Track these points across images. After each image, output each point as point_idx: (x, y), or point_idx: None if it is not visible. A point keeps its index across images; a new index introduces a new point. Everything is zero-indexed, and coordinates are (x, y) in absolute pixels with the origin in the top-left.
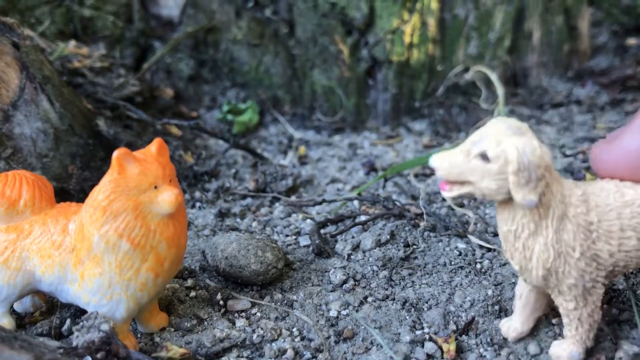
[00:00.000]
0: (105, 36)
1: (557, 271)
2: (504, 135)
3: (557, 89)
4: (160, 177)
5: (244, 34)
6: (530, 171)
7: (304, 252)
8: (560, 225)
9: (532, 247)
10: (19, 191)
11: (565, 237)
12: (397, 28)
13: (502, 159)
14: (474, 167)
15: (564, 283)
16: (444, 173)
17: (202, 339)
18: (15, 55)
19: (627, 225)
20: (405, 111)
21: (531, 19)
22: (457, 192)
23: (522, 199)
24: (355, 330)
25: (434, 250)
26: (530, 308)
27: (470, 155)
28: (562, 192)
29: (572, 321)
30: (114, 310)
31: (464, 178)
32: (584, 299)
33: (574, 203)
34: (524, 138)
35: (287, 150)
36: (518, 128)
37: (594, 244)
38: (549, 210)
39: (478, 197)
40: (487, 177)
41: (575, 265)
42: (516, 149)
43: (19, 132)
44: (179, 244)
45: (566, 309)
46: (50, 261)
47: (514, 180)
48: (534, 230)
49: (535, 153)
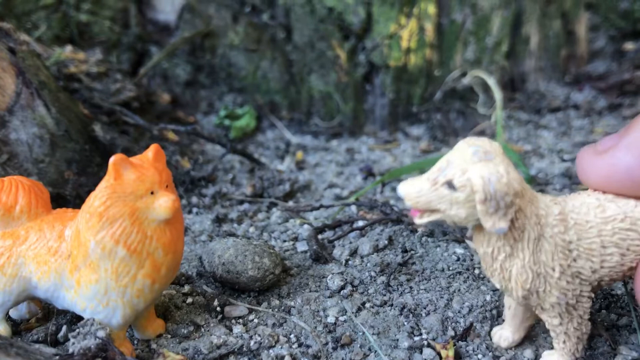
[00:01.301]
0: (102, 41)
1: (537, 291)
2: (469, 163)
3: (554, 94)
4: (156, 183)
5: (241, 39)
6: (497, 200)
7: (302, 257)
8: (537, 247)
9: (510, 269)
10: (15, 197)
11: (544, 258)
12: (395, 33)
13: (468, 187)
14: (441, 195)
15: (546, 302)
16: (411, 202)
17: (199, 345)
18: (11, 61)
19: (609, 242)
20: (402, 116)
21: (529, 23)
22: (427, 219)
23: (492, 227)
24: (353, 337)
25: (432, 255)
26: (519, 318)
27: (437, 184)
28: (537, 213)
29: (558, 335)
30: (110, 316)
31: (432, 207)
32: (568, 315)
33: (551, 223)
34: (490, 165)
35: (285, 156)
36: (485, 153)
37: (574, 262)
38: (523, 234)
39: (449, 223)
40: (455, 205)
41: (556, 284)
42: (481, 177)
43: (15, 138)
44: (176, 250)
45: (551, 324)
46: (46, 267)
47: (482, 210)
48: (509, 253)
49: (502, 181)
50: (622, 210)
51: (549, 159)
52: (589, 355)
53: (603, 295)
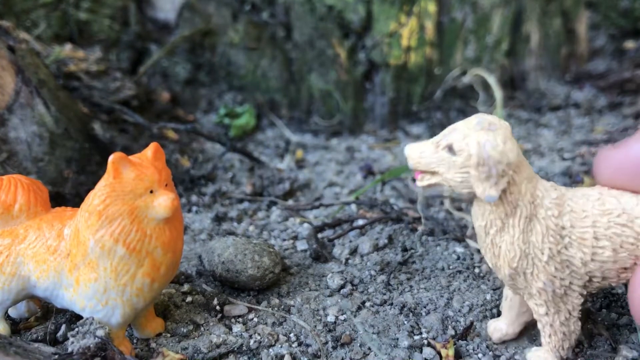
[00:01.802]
0: (102, 39)
1: (524, 272)
2: (472, 130)
3: (555, 92)
4: (156, 182)
5: (241, 37)
6: (489, 166)
7: (301, 256)
8: (529, 226)
9: (500, 245)
10: (14, 196)
11: (533, 238)
12: (395, 31)
13: (465, 152)
14: (441, 158)
15: (532, 286)
16: (413, 162)
17: (198, 344)
18: (10, 59)
19: (602, 235)
20: (402, 115)
21: (529, 22)
22: (427, 182)
23: (482, 193)
24: (353, 336)
25: (432, 254)
26: (516, 310)
27: (439, 147)
28: (533, 192)
29: (544, 327)
30: (110, 315)
31: (431, 168)
32: (555, 305)
33: (546, 205)
34: (490, 134)
35: (284, 154)
36: (490, 124)
37: (565, 249)
38: (516, 209)
39: (446, 189)
40: (452, 169)
41: (544, 268)
42: (477, 143)
43: (14, 136)
44: (175, 249)
45: (537, 313)
46: (45, 266)
47: (474, 175)
48: (500, 227)
49: (497, 149)
50: (621, 206)
51: (549, 157)
52: (589, 355)
53: (604, 294)
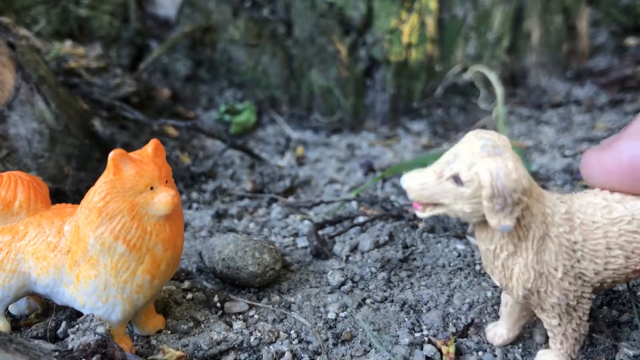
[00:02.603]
0: (102, 36)
1: (538, 291)
2: (477, 157)
3: (556, 89)
4: (156, 178)
5: (242, 34)
6: (505, 197)
7: (302, 253)
8: (542, 246)
9: (512, 268)
10: (14, 192)
11: (547, 258)
12: (395, 28)
13: (475, 182)
14: (446, 189)
15: (546, 302)
16: (415, 195)
17: (198, 341)
18: (10, 55)
19: (614, 244)
20: (403, 111)
21: (530, 19)
22: (430, 213)
23: (497, 224)
24: (354, 333)
25: (432, 251)
26: (515, 316)
27: (442, 177)
28: (544, 211)
29: (556, 336)
30: (110, 312)
31: (435, 200)
32: (568, 316)
33: (557, 222)
34: (499, 160)
35: (285, 151)
36: (494, 147)
37: (578, 262)
38: (528, 232)
39: (452, 217)
40: (460, 200)
41: (558, 285)
42: (489, 173)
43: (14, 133)
44: (176, 246)
45: (550, 324)
46: (45, 263)
47: (488, 207)
48: (512, 252)
49: (511, 177)
50: (629, 212)
51: (550, 154)
52: (590, 352)
53: (604, 292)
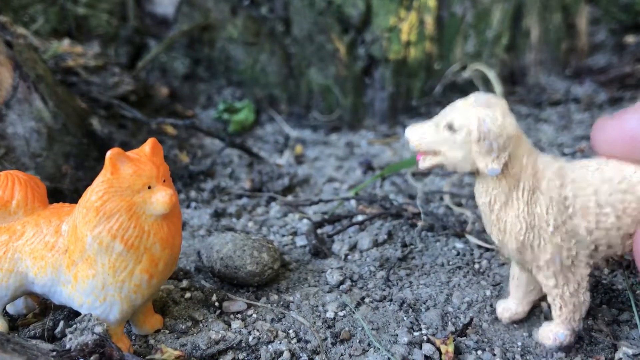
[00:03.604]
0: (100, 34)
1: (532, 245)
2: (470, 107)
3: (555, 87)
4: (154, 177)
5: (240, 32)
6: (490, 140)
7: (301, 252)
8: (532, 198)
9: (505, 219)
10: (11, 192)
11: (538, 210)
12: (394, 26)
13: (466, 128)
14: (442, 137)
15: (540, 258)
16: (415, 144)
17: (197, 341)
18: (8, 54)
19: (605, 202)
20: (402, 110)
21: (529, 16)
22: (429, 162)
23: (485, 167)
24: (353, 332)
25: (431, 250)
26: (523, 289)
27: (439, 127)
28: (535, 165)
29: (555, 300)
30: (108, 312)
31: (433, 148)
32: (564, 277)
33: (548, 176)
34: (489, 109)
35: (284, 150)
36: (487, 100)
37: (570, 219)
38: (519, 183)
39: (449, 168)
40: (454, 147)
41: (550, 239)
42: (477, 118)
43: (12, 132)
44: (174, 245)
45: (547, 286)
46: (43, 262)
47: (476, 150)
48: (504, 202)
49: (496, 122)
50: (620, 174)
51: (549, 152)
52: (589, 350)
53: (604, 290)
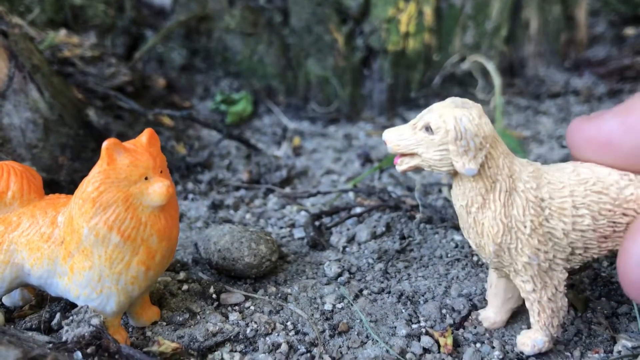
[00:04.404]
0: (96, 25)
1: (509, 248)
2: (446, 108)
3: (554, 79)
4: (150, 168)
5: (237, 22)
6: (467, 139)
7: (299, 244)
8: (509, 200)
9: (482, 222)
10: (6, 183)
11: (515, 212)
12: (393, 17)
13: (442, 129)
14: (419, 138)
15: (518, 261)
16: (392, 145)
17: (194, 333)
18: (3, 44)
19: (581, 204)
20: (401, 101)
21: (528, 8)
22: (407, 165)
23: (462, 167)
24: (351, 324)
25: (430, 242)
26: (501, 297)
27: (416, 128)
28: (511, 166)
29: (532, 305)
30: (105, 304)
31: (410, 150)
32: (541, 281)
33: (524, 179)
34: (465, 110)
35: (282, 141)
36: (463, 102)
37: (547, 221)
38: (495, 184)
39: (426, 169)
40: (431, 148)
41: (527, 242)
42: (454, 118)
43: (7, 122)
44: (171, 237)
45: (525, 290)
46: (39, 254)
47: (453, 149)
48: (481, 204)
49: (473, 122)
50: (595, 175)
51: (548, 145)
52: (588, 343)
53: (603, 283)
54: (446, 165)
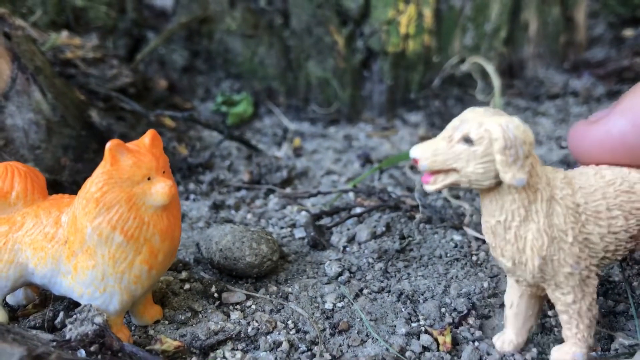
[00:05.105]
0: (98, 27)
1: (552, 259)
2: (485, 117)
3: (553, 81)
4: (153, 169)
5: (238, 24)
6: (517, 147)
7: (299, 244)
8: (550, 209)
9: (525, 236)
10: (10, 183)
11: (556, 221)
12: (393, 19)
13: (486, 139)
14: (458, 152)
15: (560, 273)
16: (427, 162)
17: (196, 331)
18: (6, 46)
19: (613, 205)
20: (400, 103)
21: (527, 10)
22: (442, 183)
23: (512, 178)
24: (351, 323)
25: (429, 242)
26: (522, 317)
27: (452, 141)
28: (547, 174)
29: (571, 317)
30: (108, 303)
31: (448, 165)
32: (581, 291)
33: (559, 185)
34: (505, 116)
35: (282, 142)
36: (496, 111)
37: (584, 227)
38: (537, 193)
39: (464, 185)
40: (472, 161)
41: (570, 250)
42: (500, 126)
43: (11, 124)
44: (173, 236)
45: (565, 303)
46: (43, 253)
47: (501, 160)
48: (524, 217)
49: (520, 128)
50: (619, 175)
51: (547, 146)
52: None
53: (601, 282)
54: (489, 179)
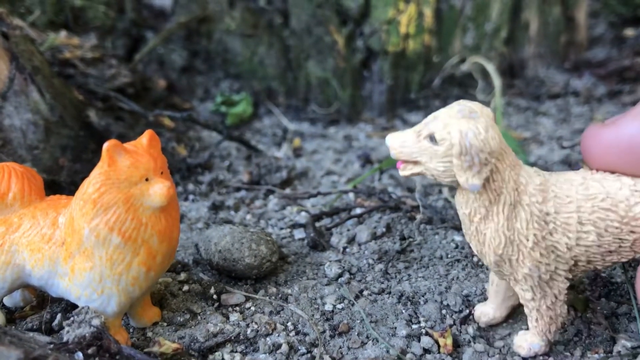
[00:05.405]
0: (97, 26)
1: (510, 259)
2: (453, 118)
3: (554, 80)
4: (151, 170)
5: (238, 24)
6: (472, 155)
7: (299, 245)
8: (513, 213)
9: (484, 232)
10: (7, 184)
11: (518, 225)
12: (393, 18)
13: (447, 141)
14: (423, 147)
15: (518, 272)
16: (395, 152)
17: (195, 333)
18: (4, 46)
19: (587, 220)
20: (401, 102)
21: (528, 9)
22: (410, 171)
23: (465, 182)
24: (351, 324)
25: (430, 243)
26: (502, 295)
27: (420, 136)
28: (517, 179)
29: (531, 312)
30: (105, 304)
31: (414, 158)
32: (541, 290)
33: (530, 192)
34: (472, 122)
35: (282, 142)
36: (470, 112)
37: (551, 235)
38: (499, 197)
39: (428, 177)
40: (434, 158)
41: (529, 254)
42: (459, 132)
43: (8, 124)
44: (171, 238)
45: (524, 298)
46: (40, 255)
47: (457, 164)
48: (484, 215)
49: (479, 137)
50: (605, 190)
51: (548, 146)
52: (588, 343)
53: (603, 283)
54: (450, 177)
